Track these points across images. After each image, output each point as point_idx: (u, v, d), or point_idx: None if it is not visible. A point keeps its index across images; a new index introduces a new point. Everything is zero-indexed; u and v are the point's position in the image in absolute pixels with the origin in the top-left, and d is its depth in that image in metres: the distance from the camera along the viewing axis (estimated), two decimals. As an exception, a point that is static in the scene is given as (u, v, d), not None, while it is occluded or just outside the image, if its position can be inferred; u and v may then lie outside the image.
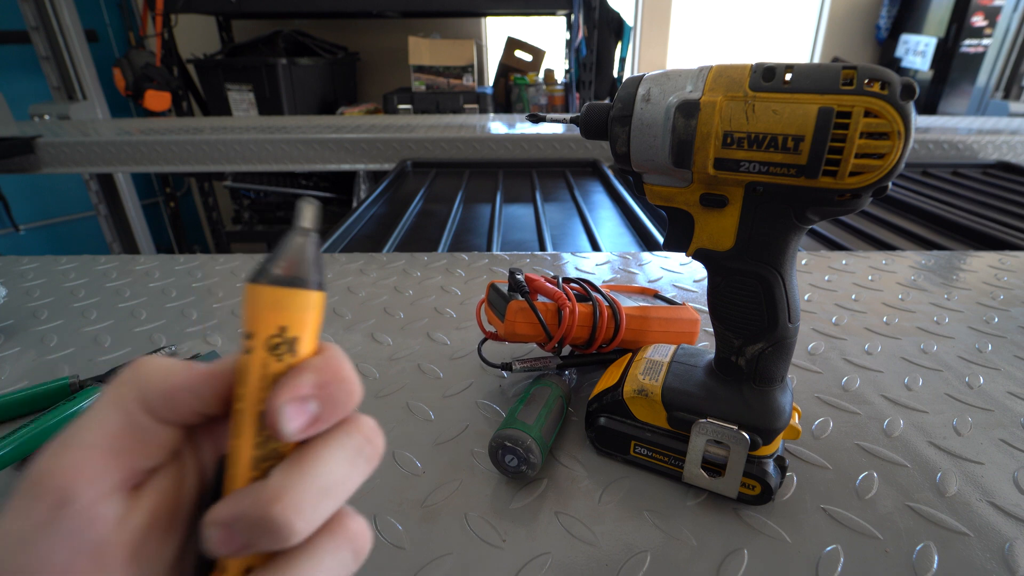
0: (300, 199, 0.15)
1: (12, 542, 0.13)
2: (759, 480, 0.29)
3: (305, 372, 0.14)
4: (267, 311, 0.14)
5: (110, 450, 0.14)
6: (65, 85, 1.87)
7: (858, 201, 0.24)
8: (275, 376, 0.15)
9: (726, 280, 0.28)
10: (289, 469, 0.14)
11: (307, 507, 0.14)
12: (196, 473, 0.16)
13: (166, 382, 0.14)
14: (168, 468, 0.15)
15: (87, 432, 0.14)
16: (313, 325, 0.15)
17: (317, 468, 0.14)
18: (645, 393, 0.32)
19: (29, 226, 1.97)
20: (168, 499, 0.15)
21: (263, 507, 0.13)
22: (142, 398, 0.14)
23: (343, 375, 0.15)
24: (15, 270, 0.62)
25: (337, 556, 0.15)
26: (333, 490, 0.15)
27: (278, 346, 0.15)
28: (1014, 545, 0.28)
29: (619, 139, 0.27)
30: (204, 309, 0.53)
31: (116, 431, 0.14)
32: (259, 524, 0.13)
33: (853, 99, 0.22)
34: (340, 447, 0.15)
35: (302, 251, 0.15)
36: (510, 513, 0.30)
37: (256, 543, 0.14)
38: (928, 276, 0.60)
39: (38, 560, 0.13)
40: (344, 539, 0.15)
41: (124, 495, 0.14)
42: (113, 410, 0.14)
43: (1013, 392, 0.40)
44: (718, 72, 0.25)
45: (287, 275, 0.14)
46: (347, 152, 1.26)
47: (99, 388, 0.37)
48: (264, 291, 0.14)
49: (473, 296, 0.56)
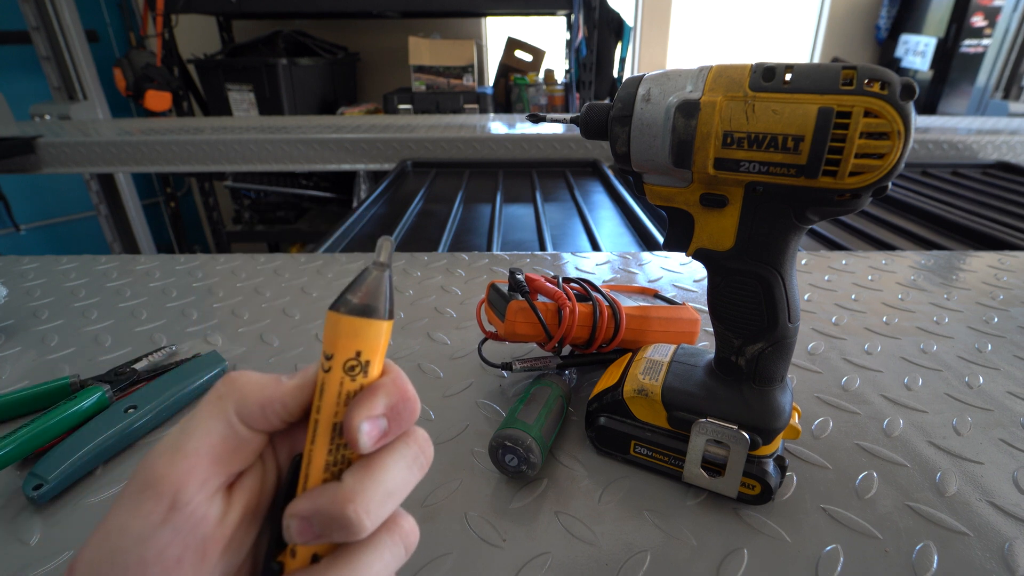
0: (380, 237, 0.17)
1: (132, 538, 0.15)
2: (759, 480, 0.29)
3: (379, 394, 0.17)
4: (345, 338, 0.16)
5: (214, 457, 0.16)
6: (66, 85, 1.87)
7: (858, 201, 0.24)
8: (349, 393, 0.17)
9: (726, 280, 0.28)
10: (360, 474, 0.17)
11: (374, 508, 0.16)
12: (275, 472, 0.18)
13: (261, 395, 0.17)
14: (254, 468, 0.18)
15: (195, 441, 0.16)
16: (383, 350, 0.17)
17: (383, 475, 0.17)
18: (645, 393, 0.32)
19: (30, 226, 1.97)
20: (254, 496, 0.17)
21: (340, 506, 0.16)
22: (240, 410, 0.16)
23: (408, 395, 0.17)
24: (16, 270, 0.62)
25: (393, 550, 0.17)
26: (394, 493, 0.17)
27: (353, 368, 0.17)
28: (1014, 545, 0.28)
29: (619, 139, 0.27)
30: (204, 309, 0.53)
31: (219, 440, 0.16)
32: (335, 520, 0.16)
33: (853, 99, 0.22)
34: (401, 456, 0.17)
35: (378, 284, 0.17)
36: (510, 513, 0.30)
37: (329, 535, 0.16)
38: (928, 276, 0.60)
39: (155, 554, 0.15)
40: (399, 535, 0.17)
41: (223, 495, 0.16)
42: (216, 421, 0.16)
43: (1013, 392, 0.40)
44: (718, 72, 0.25)
45: (364, 305, 0.16)
46: (347, 152, 1.26)
47: (100, 388, 0.37)
48: (344, 320, 0.16)
49: (473, 296, 0.56)
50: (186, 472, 0.15)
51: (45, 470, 0.31)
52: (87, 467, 0.33)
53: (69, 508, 0.31)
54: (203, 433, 0.16)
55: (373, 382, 0.17)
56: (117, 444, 0.35)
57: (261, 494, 0.18)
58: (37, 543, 0.29)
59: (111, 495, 0.32)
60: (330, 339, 0.17)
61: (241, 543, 0.17)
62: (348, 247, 0.79)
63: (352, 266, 0.63)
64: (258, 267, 0.63)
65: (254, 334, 0.49)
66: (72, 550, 0.28)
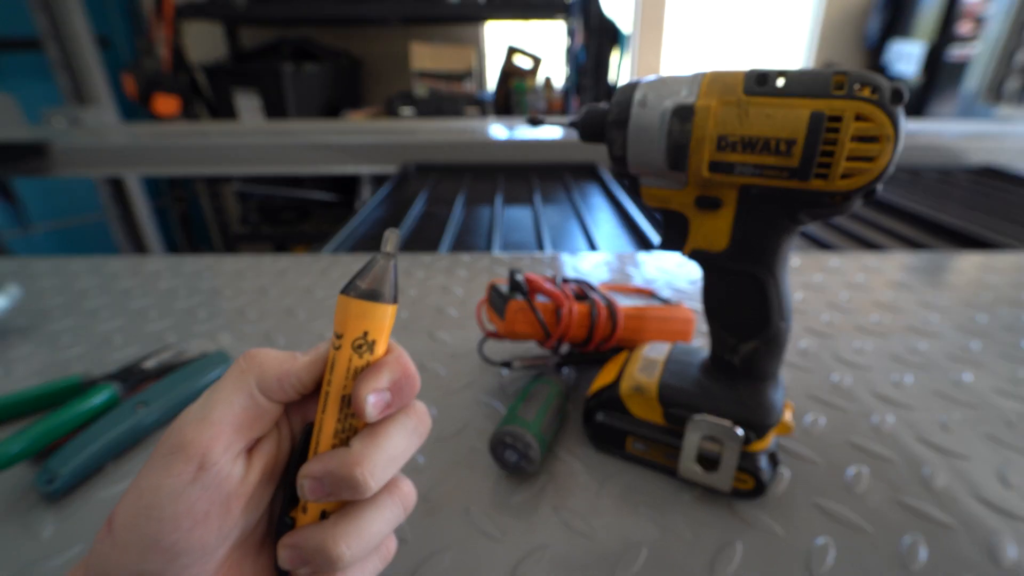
0: (387, 229, 0.19)
1: (165, 495, 0.16)
2: (752, 475, 0.30)
3: (384, 370, 0.19)
4: (354, 319, 0.18)
5: (237, 425, 0.18)
6: (77, 90, 1.89)
7: (849, 203, 0.24)
8: (357, 369, 0.19)
9: (720, 280, 0.29)
10: (367, 441, 0.19)
11: (378, 471, 0.18)
12: (288, 438, 0.20)
13: (279, 369, 0.19)
14: (271, 434, 0.20)
15: (219, 411, 0.18)
16: (387, 330, 0.19)
17: (386, 441, 0.19)
18: (641, 390, 0.32)
19: (42, 228, 1.98)
20: (271, 459, 0.19)
21: (348, 468, 0.18)
22: (260, 383, 0.18)
23: (409, 372, 0.19)
24: (29, 271, 0.63)
25: (393, 509, 0.20)
26: (396, 459, 0.19)
27: (360, 346, 0.19)
28: (999, 537, 0.29)
29: (616, 143, 0.28)
30: (212, 309, 0.54)
31: (240, 410, 0.18)
32: (344, 480, 0.18)
33: (844, 103, 0.22)
34: (403, 426, 0.19)
35: (384, 272, 0.19)
36: (510, 507, 0.31)
37: (338, 494, 0.18)
38: (916, 276, 0.61)
39: (186, 509, 0.17)
40: (399, 496, 0.20)
41: (244, 458, 0.18)
42: (238, 393, 0.18)
43: (998, 389, 0.41)
44: (712, 78, 0.25)
45: (371, 290, 0.18)
46: (351, 155, 1.27)
47: (110, 386, 0.38)
48: (353, 303, 0.18)
49: (474, 296, 0.56)
50: (212, 438, 0.17)
51: (57, 465, 0.32)
52: (98, 462, 0.34)
53: (80, 502, 0.32)
54: (227, 404, 0.18)
55: (379, 359, 0.19)
56: (127, 440, 0.35)
57: (276, 457, 0.20)
58: (50, 536, 0.29)
59: (122, 489, 0.33)
60: (340, 320, 0.18)
61: (259, 500, 0.19)
62: (352, 248, 0.80)
63: (356, 266, 0.64)
64: (264, 268, 0.64)
65: (260, 334, 0.50)
66: (83, 543, 0.29)
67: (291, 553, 0.19)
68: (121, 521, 0.17)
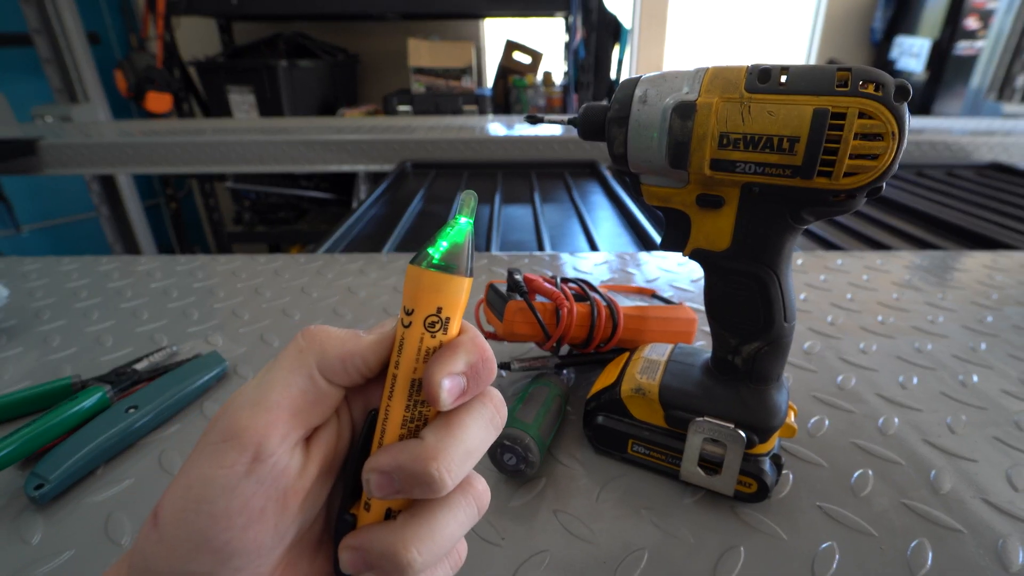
0: (464, 192, 0.17)
1: (217, 489, 0.15)
2: (755, 478, 0.29)
3: (460, 352, 0.17)
4: (428, 292, 0.16)
5: (295, 410, 0.16)
6: (67, 87, 1.87)
7: (853, 201, 0.24)
8: (428, 350, 0.17)
9: (723, 280, 0.29)
10: (442, 432, 0.16)
11: (455, 466, 0.16)
12: (348, 427, 0.18)
13: (342, 349, 0.17)
14: (330, 423, 0.18)
15: (276, 394, 0.16)
16: (462, 308, 0.17)
17: (463, 433, 0.17)
18: (642, 392, 0.32)
19: (32, 227, 1.97)
20: (330, 450, 0.17)
21: (423, 463, 0.16)
22: (320, 364, 0.16)
23: (487, 356, 0.17)
24: (18, 271, 0.62)
25: (467, 510, 0.17)
26: (473, 453, 0.17)
27: (434, 324, 0.16)
28: (1007, 542, 0.28)
29: (616, 140, 0.27)
30: (205, 309, 0.54)
31: (299, 394, 0.16)
32: (417, 477, 0.16)
33: (848, 100, 0.22)
34: (479, 416, 0.17)
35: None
36: (509, 511, 0.31)
37: (409, 491, 0.16)
38: (922, 276, 0.60)
39: (240, 504, 0.15)
40: (472, 496, 0.17)
41: (302, 449, 0.16)
42: (297, 375, 0.16)
43: (1006, 390, 0.41)
44: (714, 74, 0.25)
45: (447, 262, 0.16)
46: (347, 153, 1.27)
47: (101, 388, 0.37)
48: (426, 274, 0.16)
49: (472, 296, 0.56)
50: (268, 425, 0.15)
51: (46, 470, 0.31)
52: (88, 467, 0.33)
53: (71, 508, 0.31)
54: (284, 386, 0.16)
55: (452, 339, 0.17)
56: (118, 444, 0.35)
57: (336, 448, 0.18)
58: (39, 542, 0.29)
59: (113, 494, 0.32)
60: (411, 294, 0.16)
61: (318, 496, 0.17)
62: (348, 248, 0.79)
63: (352, 266, 0.63)
64: (258, 267, 0.63)
65: (254, 334, 0.49)
66: (74, 549, 0.28)
67: (354, 556, 0.17)
68: (169, 516, 0.15)
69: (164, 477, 0.33)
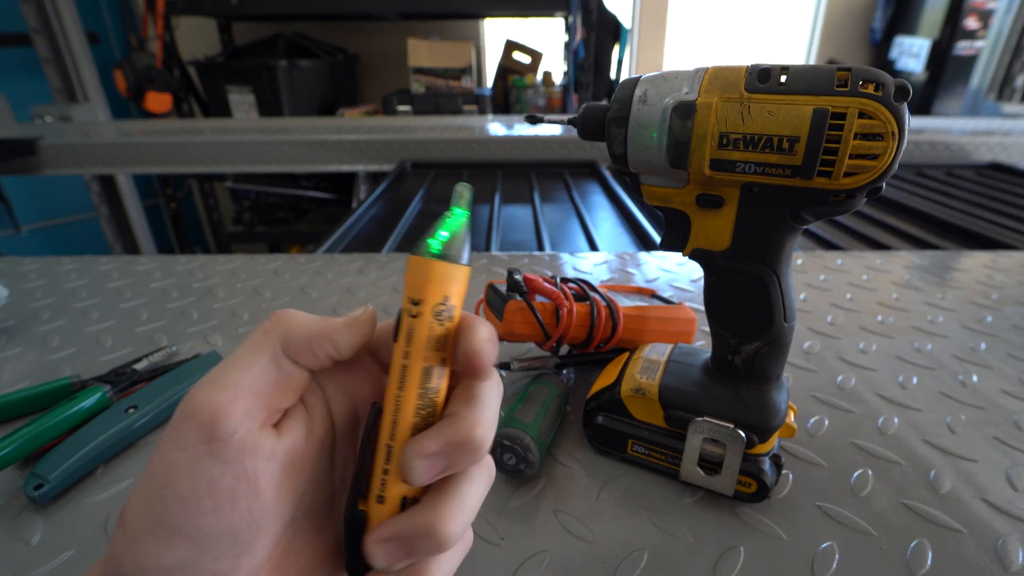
0: (457, 183, 0.18)
1: (179, 471, 0.14)
2: (755, 478, 0.29)
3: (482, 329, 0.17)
4: (436, 282, 0.17)
5: (255, 390, 0.15)
6: (67, 87, 1.87)
7: (853, 201, 0.24)
8: (438, 338, 0.17)
9: (722, 280, 0.29)
10: (470, 403, 0.17)
11: (490, 430, 0.17)
12: (323, 423, 0.18)
13: (309, 329, 0.17)
14: (299, 413, 0.17)
15: (235, 374, 0.15)
16: (463, 294, 0.18)
17: (488, 404, 0.17)
18: (642, 392, 0.32)
19: (31, 227, 1.97)
20: (299, 442, 0.17)
21: (469, 433, 0.16)
22: (285, 344, 0.16)
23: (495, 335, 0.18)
24: (17, 271, 0.62)
25: (481, 482, 0.18)
26: (495, 420, 0.18)
27: (441, 312, 0.17)
28: (1007, 542, 0.28)
29: (616, 140, 0.27)
30: (205, 309, 0.53)
31: (259, 373, 0.16)
32: (465, 446, 0.16)
33: (847, 100, 0.22)
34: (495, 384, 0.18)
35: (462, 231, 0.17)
36: (509, 511, 0.30)
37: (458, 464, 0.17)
38: (922, 276, 0.60)
39: (207, 485, 0.14)
40: (485, 468, 0.18)
41: (271, 432, 0.16)
42: (258, 355, 0.16)
43: (1006, 390, 0.41)
44: (714, 74, 0.25)
45: (449, 251, 0.17)
46: (347, 153, 1.26)
47: (101, 388, 0.37)
48: (436, 265, 0.17)
49: (472, 296, 0.56)
50: (226, 402, 0.15)
51: (46, 470, 0.31)
52: (88, 467, 0.33)
53: (70, 508, 0.31)
54: (244, 366, 0.16)
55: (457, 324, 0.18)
56: (118, 444, 0.35)
57: (308, 442, 0.17)
58: (38, 542, 0.29)
59: (112, 494, 0.32)
60: (417, 284, 0.17)
61: (296, 482, 0.17)
62: (347, 248, 0.79)
63: (352, 266, 0.63)
64: (258, 267, 0.63)
65: (254, 334, 0.49)
66: (74, 549, 0.28)
67: (390, 546, 0.16)
68: (134, 510, 0.14)
69: (164, 477, 0.33)
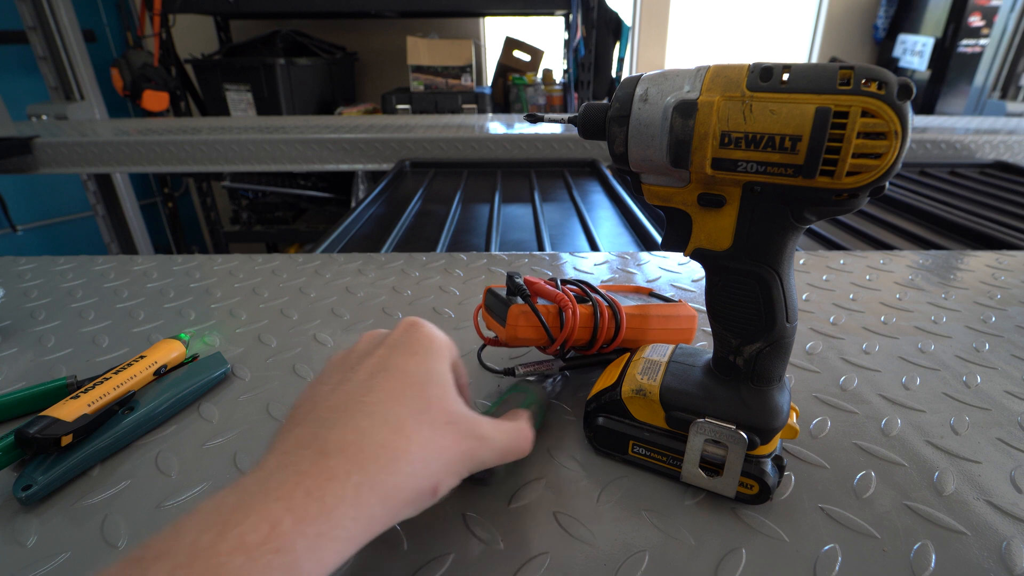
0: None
1: (445, 392, 0.26)
2: (757, 479, 0.29)
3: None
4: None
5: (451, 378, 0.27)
6: (63, 85, 1.87)
7: (855, 201, 0.24)
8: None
9: (724, 280, 0.28)
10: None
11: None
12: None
13: (457, 354, 0.29)
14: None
15: (447, 373, 0.27)
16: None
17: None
18: (643, 393, 0.32)
19: (27, 226, 1.97)
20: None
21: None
22: (453, 357, 0.28)
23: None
24: (13, 270, 0.62)
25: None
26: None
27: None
28: (1011, 544, 0.28)
29: (617, 139, 0.27)
30: (202, 309, 0.53)
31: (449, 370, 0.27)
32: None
33: (850, 99, 0.22)
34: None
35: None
36: (508, 513, 0.30)
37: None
38: (926, 276, 0.60)
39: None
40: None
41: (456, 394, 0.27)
42: (447, 362, 0.27)
43: (1010, 391, 0.41)
44: (715, 72, 0.25)
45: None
46: (345, 152, 1.26)
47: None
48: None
49: (472, 296, 0.56)
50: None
51: (34, 471, 0.31)
52: (81, 467, 0.33)
53: (66, 509, 0.31)
54: (446, 368, 0.27)
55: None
56: (114, 445, 0.34)
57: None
58: (34, 545, 0.28)
59: (109, 496, 0.32)
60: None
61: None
62: (346, 247, 0.79)
63: (350, 266, 0.63)
64: (256, 267, 0.63)
65: (252, 335, 0.49)
66: (69, 552, 0.28)
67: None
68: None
69: (161, 479, 0.33)
